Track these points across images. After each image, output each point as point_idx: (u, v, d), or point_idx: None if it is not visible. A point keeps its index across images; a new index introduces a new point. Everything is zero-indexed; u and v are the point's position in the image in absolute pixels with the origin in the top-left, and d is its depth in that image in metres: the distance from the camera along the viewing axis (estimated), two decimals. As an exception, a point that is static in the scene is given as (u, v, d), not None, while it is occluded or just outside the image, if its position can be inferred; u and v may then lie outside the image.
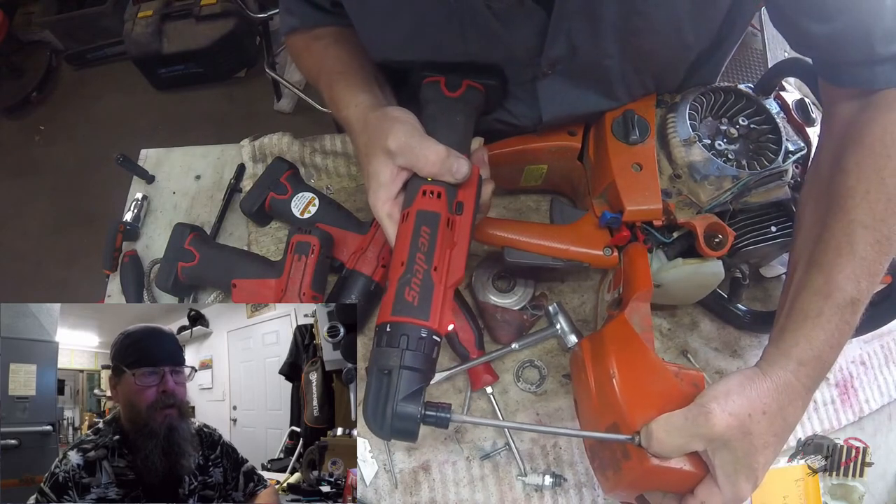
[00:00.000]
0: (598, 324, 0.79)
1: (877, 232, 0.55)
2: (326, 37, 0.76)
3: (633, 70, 0.68)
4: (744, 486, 0.51)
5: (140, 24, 2.31)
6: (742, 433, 0.50)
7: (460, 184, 0.58)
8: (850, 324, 0.54)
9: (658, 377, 0.57)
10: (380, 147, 0.58)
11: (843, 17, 0.57)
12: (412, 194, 0.57)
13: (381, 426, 0.51)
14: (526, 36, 0.62)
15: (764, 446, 0.51)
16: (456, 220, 0.58)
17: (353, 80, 0.69)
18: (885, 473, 0.74)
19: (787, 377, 0.53)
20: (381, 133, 0.58)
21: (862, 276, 0.54)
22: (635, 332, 0.60)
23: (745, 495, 0.52)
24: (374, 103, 0.65)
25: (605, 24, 0.60)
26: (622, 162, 0.68)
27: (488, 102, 0.69)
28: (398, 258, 0.55)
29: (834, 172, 0.59)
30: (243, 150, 0.98)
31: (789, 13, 0.61)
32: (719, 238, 0.65)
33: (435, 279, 0.54)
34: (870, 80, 0.59)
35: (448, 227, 0.56)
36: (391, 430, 0.51)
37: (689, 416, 0.51)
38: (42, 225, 2.31)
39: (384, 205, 0.58)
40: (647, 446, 0.52)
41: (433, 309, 0.53)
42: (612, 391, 0.56)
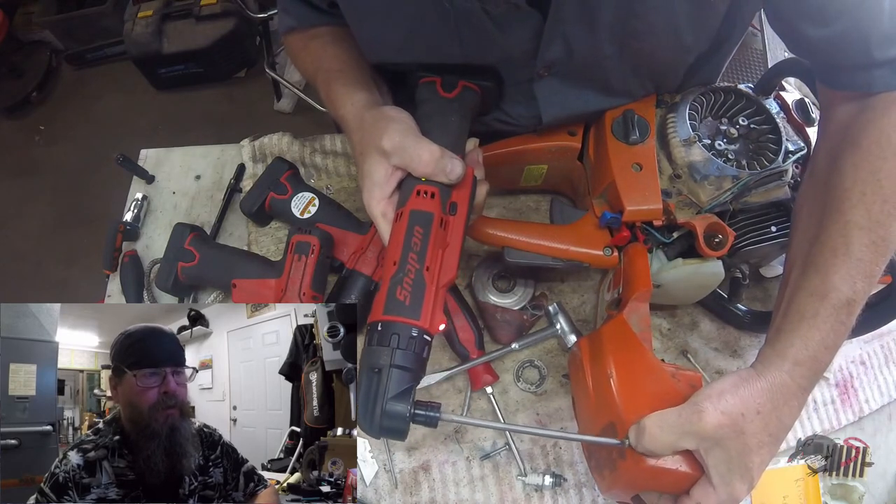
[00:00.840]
0: (597, 323, 0.79)
1: (873, 233, 0.55)
2: (324, 35, 0.76)
3: (632, 71, 0.68)
4: (738, 485, 0.51)
5: (140, 24, 2.31)
6: (735, 432, 0.50)
7: (454, 184, 0.58)
8: (847, 324, 0.55)
9: (655, 377, 0.57)
10: (374, 146, 0.58)
11: (840, 21, 0.57)
12: (406, 194, 0.58)
13: (370, 425, 0.51)
14: (521, 39, 0.62)
15: (759, 446, 0.51)
16: (449, 221, 0.58)
17: (350, 79, 0.69)
18: (885, 473, 0.74)
19: (782, 377, 0.53)
20: (376, 132, 0.58)
21: (858, 277, 0.54)
22: (633, 332, 0.60)
23: (740, 495, 0.51)
24: (370, 102, 0.65)
25: (601, 26, 0.60)
26: (622, 162, 0.68)
27: (484, 104, 0.69)
28: (391, 257, 0.55)
29: (830, 174, 0.59)
30: (243, 150, 0.98)
31: (787, 17, 0.61)
32: (719, 238, 0.65)
33: (427, 279, 0.54)
34: (867, 83, 0.59)
35: (441, 227, 0.56)
36: (380, 429, 0.51)
37: (683, 413, 0.51)
38: (42, 225, 2.31)
39: (378, 204, 0.59)
40: (638, 442, 0.52)
41: (424, 309, 0.53)
42: (609, 391, 0.56)
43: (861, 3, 0.56)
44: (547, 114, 0.71)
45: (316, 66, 0.74)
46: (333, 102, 0.68)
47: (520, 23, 0.61)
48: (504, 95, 0.72)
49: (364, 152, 0.60)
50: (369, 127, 0.60)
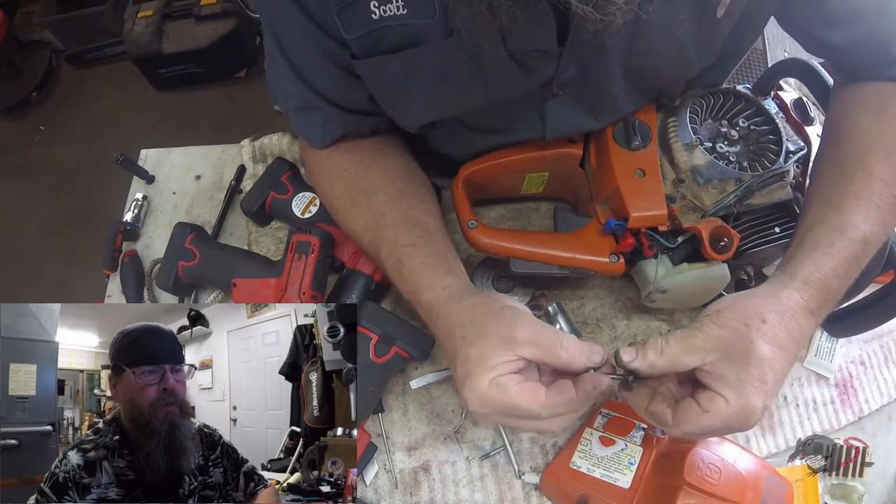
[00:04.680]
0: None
1: (894, 189, 0.56)
2: (371, 165, 0.71)
3: (634, 88, 0.67)
4: (752, 397, 0.49)
5: (140, 24, 2.31)
6: (740, 340, 0.50)
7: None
8: (860, 262, 0.55)
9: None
10: (496, 335, 0.54)
11: (858, 25, 0.58)
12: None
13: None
14: (546, 73, 0.62)
15: (771, 357, 0.50)
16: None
17: (428, 257, 0.63)
18: (885, 473, 0.74)
19: (788, 292, 0.53)
20: (500, 321, 0.55)
21: (876, 222, 0.55)
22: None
23: (754, 407, 0.49)
24: (464, 286, 0.62)
25: (611, 48, 0.59)
26: (625, 168, 0.67)
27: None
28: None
29: (855, 133, 0.60)
30: (243, 151, 0.98)
31: (803, 24, 0.62)
32: (724, 241, 0.65)
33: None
34: (891, 76, 0.61)
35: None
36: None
37: (683, 333, 0.52)
38: (42, 225, 2.30)
39: (487, 384, 0.53)
40: (642, 363, 0.52)
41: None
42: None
43: (881, 7, 0.57)
44: (551, 132, 0.70)
45: (374, 231, 0.67)
46: (409, 284, 0.63)
47: (545, 61, 0.60)
48: (515, 115, 0.71)
49: (473, 337, 0.55)
50: (482, 315, 0.56)
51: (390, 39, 0.58)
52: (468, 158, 0.75)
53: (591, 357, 0.53)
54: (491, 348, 0.53)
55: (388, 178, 0.71)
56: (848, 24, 0.58)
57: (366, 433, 0.73)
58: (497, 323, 0.55)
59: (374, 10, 0.56)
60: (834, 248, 0.55)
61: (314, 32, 0.61)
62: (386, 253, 0.65)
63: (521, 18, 0.47)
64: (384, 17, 0.56)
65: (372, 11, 0.56)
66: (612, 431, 0.68)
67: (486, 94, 0.63)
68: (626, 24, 0.49)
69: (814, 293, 0.53)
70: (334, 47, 0.62)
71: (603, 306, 0.81)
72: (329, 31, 0.60)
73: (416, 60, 0.59)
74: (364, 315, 0.71)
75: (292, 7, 0.60)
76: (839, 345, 0.78)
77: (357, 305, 0.72)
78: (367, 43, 0.59)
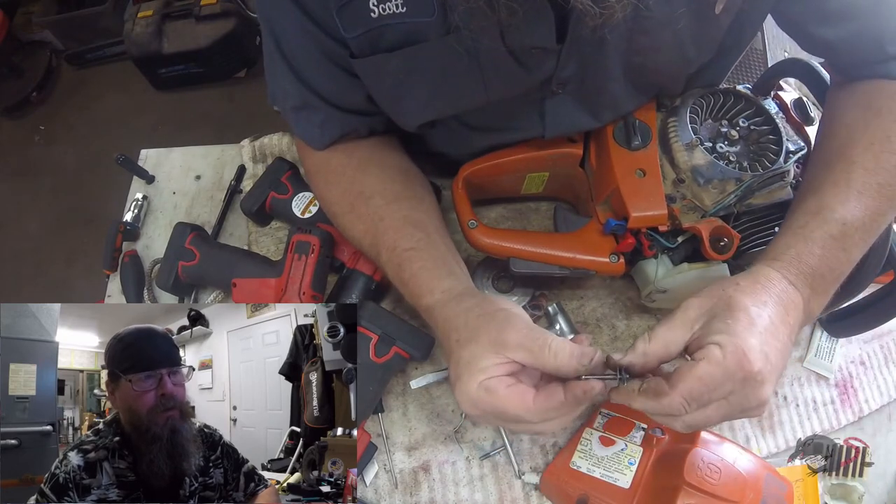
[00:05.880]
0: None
1: (878, 177, 0.56)
2: (368, 168, 0.71)
3: (633, 85, 0.67)
4: (743, 332, 0.48)
5: (140, 24, 2.31)
6: (720, 300, 0.51)
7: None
8: (841, 242, 0.56)
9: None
10: (488, 338, 0.54)
11: (852, 22, 0.58)
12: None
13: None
14: (546, 70, 0.62)
15: (755, 308, 0.50)
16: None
17: (427, 261, 0.64)
18: (885, 473, 0.74)
19: (757, 266, 0.55)
20: (492, 324, 0.55)
21: (857, 206, 0.56)
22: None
23: (750, 343, 0.48)
24: (463, 289, 0.62)
25: (610, 44, 0.59)
26: (625, 168, 0.67)
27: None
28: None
29: (840, 128, 0.61)
30: (243, 151, 0.98)
31: (799, 20, 0.62)
32: (724, 241, 0.65)
33: None
34: (885, 73, 0.61)
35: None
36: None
37: (666, 317, 0.53)
38: (42, 225, 2.30)
39: (476, 386, 0.53)
40: (633, 355, 0.52)
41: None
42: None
43: (875, 4, 0.58)
44: (550, 131, 0.70)
45: (373, 236, 0.67)
46: (409, 287, 0.63)
47: (544, 58, 0.60)
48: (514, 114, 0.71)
49: (465, 339, 0.56)
50: (476, 317, 0.56)
51: (389, 38, 0.58)
52: (468, 158, 0.75)
53: (582, 361, 0.52)
54: (481, 351, 0.54)
55: (386, 179, 0.71)
56: (842, 21, 0.59)
57: (366, 433, 0.73)
58: (489, 326, 0.55)
59: (374, 9, 0.56)
60: (805, 229, 0.56)
61: (313, 32, 0.61)
62: (386, 258, 0.66)
63: (519, 13, 0.47)
64: (383, 15, 0.56)
65: (371, 10, 0.56)
66: (611, 431, 0.68)
67: (486, 93, 0.63)
68: (626, 20, 0.49)
69: (785, 265, 0.54)
70: (333, 46, 0.62)
71: (603, 306, 0.81)
72: (328, 30, 0.60)
73: (415, 59, 0.59)
74: (364, 315, 0.71)
75: (291, 6, 0.60)
76: (839, 345, 0.78)
77: (357, 305, 0.72)
78: (366, 41, 0.59)
